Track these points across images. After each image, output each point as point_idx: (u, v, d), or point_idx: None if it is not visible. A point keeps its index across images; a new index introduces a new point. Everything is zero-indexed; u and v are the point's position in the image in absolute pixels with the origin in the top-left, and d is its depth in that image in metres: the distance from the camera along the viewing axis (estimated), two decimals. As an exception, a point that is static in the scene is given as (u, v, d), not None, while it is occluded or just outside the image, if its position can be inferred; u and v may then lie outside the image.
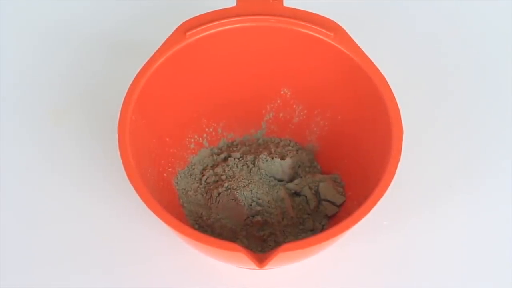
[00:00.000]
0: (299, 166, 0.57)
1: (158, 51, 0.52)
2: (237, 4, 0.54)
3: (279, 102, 0.59)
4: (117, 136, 0.48)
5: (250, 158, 0.57)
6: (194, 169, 0.57)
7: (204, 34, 0.53)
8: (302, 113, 0.58)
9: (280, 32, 0.54)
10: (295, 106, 0.58)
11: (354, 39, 0.53)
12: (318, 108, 0.57)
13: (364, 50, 0.52)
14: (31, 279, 0.54)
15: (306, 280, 0.54)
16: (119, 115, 0.49)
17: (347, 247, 0.55)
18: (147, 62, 0.51)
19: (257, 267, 0.45)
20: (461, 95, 0.64)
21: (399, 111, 0.50)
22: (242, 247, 0.44)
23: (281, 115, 0.59)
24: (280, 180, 0.56)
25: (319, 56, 0.54)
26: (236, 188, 0.53)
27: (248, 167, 0.56)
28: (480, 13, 0.70)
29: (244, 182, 0.54)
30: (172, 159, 0.56)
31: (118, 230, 0.56)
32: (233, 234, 0.53)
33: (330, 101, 0.56)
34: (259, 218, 0.53)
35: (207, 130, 0.59)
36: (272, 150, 0.57)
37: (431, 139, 0.61)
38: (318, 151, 0.58)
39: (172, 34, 0.53)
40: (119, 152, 0.47)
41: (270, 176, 0.56)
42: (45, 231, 0.56)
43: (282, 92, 0.58)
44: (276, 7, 0.54)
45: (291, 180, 0.56)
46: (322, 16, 0.53)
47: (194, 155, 0.58)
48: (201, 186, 0.55)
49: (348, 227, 0.45)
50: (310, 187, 0.55)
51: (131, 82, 0.51)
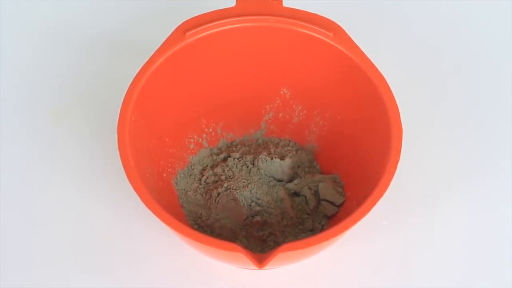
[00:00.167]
0: (299, 166, 0.57)
1: (157, 51, 0.52)
2: (236, 4, 0.54)
3: (278, 102, 0.59)
4: (116, 136, 0.48)
5: (249, 158, 0.56)
6: (193, 169, 0.57)
7: (203, 34, 0.53)
8: (302, 113, 0.58)
9: (279, 32, 0.54)
10: (294, 106, 0.58)
11: (354, 39, 0.53)
12: (317, 108, 0.57)
13: (363, 50, 0.52)
14: (31, 279, 0.54)
15: (306, 280, 0.54)
16: (118, 115, 0.49)
17: (347, 247, 0.55)
18: (146, 62, 0.51)
19: (256, 267, 0.45)
20: (460, 95, 0.64)
21: (399, 111, 0.50)
22: (242, 247, 0.44)
23: (280, 115, 0.59)
24: (279, 180, 0.56)
25: (318, 56, 0.54)
26: (235, 188, 0.53)
27: (247, 167, 0.56)
28: (479, 13, 0.70)
29: (244, 182, 0.54)
30: (172, 159, 0.56)
31: (117, 230, 0.56)
32: (232, 234, 0.53)
33: (329, 101, 0.56)
34: (258, 218, 0.53)
35: (206, 130, 0.59)
36: (272, 150, 0.57)
37: (430, 139, 0.61)
38: (318, 151, 0.58)
39: (172, 34, 0.53)
40: (118, 152, 0.47)
41: (270, 176, 0.56)
42: (45, 231, 0.56)
43: (282, 92, 0.58)
44: (276, 7, 0.54)
45: (290, 180, 0.56)
46: (321, 16, 0.53)
47: (194, 155, 0.58)
48: (200, 186, 0.55)
49: (347, 227, 0.45)
50: (309, 187, 0.55)
51: (131, 82, 0.51)
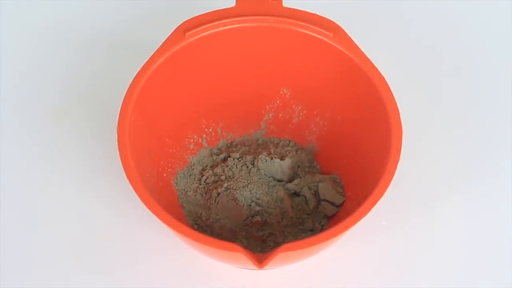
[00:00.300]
0: (299, 166, 0.57)
1: (157, 51, 0.52)
2: (236, 4, 0.54)
3: (278, 102, 0.59)
4: (116, 136, 0.48)
5: (249, 158, 0.56)
6: (193, 169, 0.57)
7: (203, 34, 0.53)
8: (302, 113, 0.58)
9: (279, 32, 0.54)
10: (294, 106, 0.58)
11: (353, 39, 0.53)
12: (317, 108, 0.57)
13: (363, 50, 0.52)
14: (31, 279, 0.54)
15: (305, 280, 0.54)
16: (118, 115, 0.49)
17: (347, 247, 0.55)
18: (146, 62, 0.51)
19: (256, 268, 0.45)
20: (460, 95, 0.64)
21: (399, 111, 0.50)
22: (242, 248, 0.44)
23: (280, 115, 0.59)
24: (279, 180, 0.56)
25: (318, 56, 0.54)
26: (235, 189, 0.53)
27: (247, 167, 0.56)
28: (479, 13, 0.70)
29: (244, 182, 0.54)
30: (172, 160, 0.56)
31: (117, 230, 0.56)
32: (232, 234, 0.53)
33: (329, 101, 0.56)
34: (258, 218, 0.53)
35: (206, 130, 0.59)
36: (272, 151, 0.57)
37: (430, 139, 0.61)
38: (318, 151, 0.58)
39: (172, 34, 0.53)
40: (118, 152, 0.47)
41: (270, 177, 0.56)
42: (45, 231, 0.56)
43: (282, 92, 0.58)
44: (276, 8, 0.54)
45: (290, 180, 0.56)
46: (321, 16, 0.53)
47: (194, 155, 0.58)
48: (200, 187, 0.55)
49: (347, 227, 0.45)
50: (309, 187, 0.55)
51: (131, 82, 0.51)
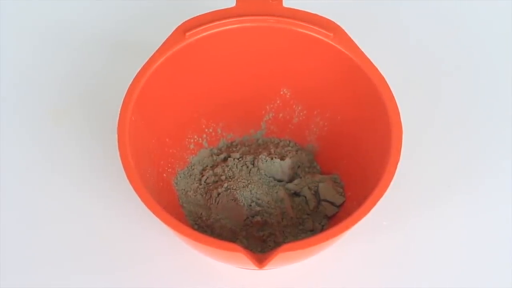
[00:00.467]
0: (299, 167, 0.57)
1: (157, 51, 0.52)
2: (236, 4, 0.54)
3: (278, 102, 0.59)
4: (116, 136, 0.48)
5: (249, 158, 0.56)
6: (193, 169, 0.57)
7: (203, 35, 0.53)
8: (302, 113, 0.58)
9: (279, 33, 0.54)
10: (294, 107, 0.58)
11: (354, 39, 0.53)
12: (317, 109, 0.57)
13: (363, 50, 0.52)
14: (31, 279, 0.54)
15: (306, 280, 0.54)
16: (118, 115, 0.49)
17: (347, 247, 0.55)
18: (146, 62, 0.51)
19: (256, 268, 0.45)
20: (460, 95, 0.64)
21: (399, 111, 0.50)
22: (242, 248, 0.44)
23: (280, 115, 0.59)
24: (279, 181, 0.56)
25: (318, 57, 0.54)
26: (235, 189, 0.53)
27: (247, 167, 0.56)
28: (479, 13, 0.70)
29: (244, 182, 0.54)
30: (172, 160, 0.56)
31: (117, 230, 0.56)
32: (232, 234, 0.52)
33: (329, 101, 0.56)
34: (258, 218, 0.53)
35: (206, 130, 0.59)
36: (272, 151, 0.57)
37: (430, 139, 0.61)
38: (318, 151, 0.58)
39: (172, 34, 0.52)
40: (118, 152, 0.47)
41: (270, 177, 0.56)
42: (45, 231, 0.56)
43: (282, 93, 0.58)
44: (276, 8, 0.54)
45: (290, 180, 0.56)
46: (321, 16, 0.53)
47: (194, 155, 0.58)
48: (200, 187, 0.55)
49: (347, 228, 0.45)
50: (309, 188, 0.55)
51: (131, 82, 0.51)
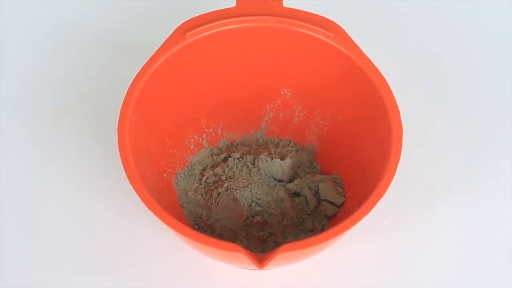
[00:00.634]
0: (299, 167, 0.57)
1: (157, 51, 0.52)
2: (236, 4, 0.54)
3: (279, 102, 0.59)
4: (116, 136, 0.48)
5: (249, 158, 0.56)
6: (194, 169, 0.57)
7: (204, 35, 0.53)
8: (302, 113, 0.58)
9: (279, 33, 0.54)
10: (294, 107, 0.58)
11: (354, 39, 0.53)
12: (317, 109, 0.57)
13: (363, 50, 0.52)
14: (31, 279, 0.54)
15: (306, 280, 0.54)
16: (118, 115, 0.49)
17: (347, 247, 0.55)
18: (146, 62, 0.51)
19: (257, 268, 0.45)
20: (460, 95, 0.64)
21: (399, 111, 0.50)
22: (242, 248, 0.44)
23: (281, 115, 0.59)
24: (280, 181, 0.56)
25: (318, 57, 0.54)
26: (236, 189, 0.53)
27: (248, 167, 0.56)
28: (479, 13, 0.70)
29: (244, 182, 0.54)
30: (172, 160, 0.56)
31: (117, 230, 0.56)
32: (233, 234, 0.52)
33: (329, 101, 0.56)
34: (259, 218, 0.53)
35: (206, 130, 0.59)
36: (272, 151, 0.57)
37: (430, 139, 0.61)
38: (318, 151, 0.58)
39: (172, 34, 0.52)
40: (118, 152, 0.47)
41: (270, 177, 0.56)
42: (45, 231, 0.56)
43: (282, 93, 0.58)
44: (276, 8, 0.54)
45: (290, 180, 0.56)
46: (321, 16, 0.53)
47: (194, 155, 0.58)
48: (200, 187, 0.55)
49: (347, 228, 0.45)
50: (309, 188, 0.55)
51: (131, 82, 0.51)
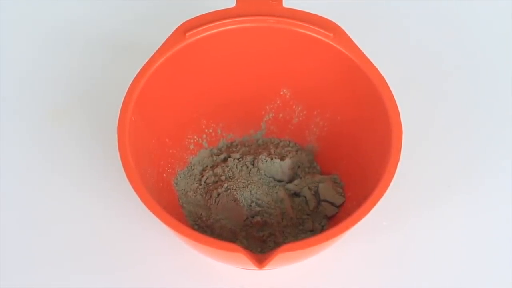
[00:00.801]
0: (299, 167, 0.57)
1: (157, 51, 0.52)
2: (236, 4, 0.54)
3: (278, 102, 0.59)
4: (116, 136, 0.48)
5: (249, 158, 0.56)
6: (193, 169, 0.57)
7: (203, 35, 0.53)
8: (302, 113, 0.58)
9: (279, 33, 0.54)
10: (294, 107, 0.58)
11: (353, 40, 0.53)
12: (317, 109, 0.57)
13: (363, 50, 0.52)
14: (31, 279, 0.54)
15: (305, 280, 0.54)
16: (118, 116, 0.49)
17: (347, 247, 0.55)
18: (146, 62, 0.51)
19: (256, 268, 0.45)
20: (460, 95, 0.64)
21: (399, 111, 0.50)
22: (242, 248, 0.44)
23: (280, 115, 0.59)
24: (279, 181, 0.56)
25: (318, 57, 0.54)
26: (235, 189, 0.53)
27: (247, 167, 0.56)
28: (479, 13, 0.70)
29: (244, 182, 0.54)
30: (172, 160, 0.56)
31: (117, 231, 0.56)
32: (232, 234, 0.53)
33: (329, 101, 0.56)
34: (258, 218, 0.53)
35: (206, 130, 0.59)
36: (272, 151, 0.57)
37: (430, 139, 0.61)
38: (318, 151, 0.58)
39: (172, 34, 0.52)
40: (118, 153, 0.47)
41: (270, 177, 0.56)
42: (45, 231, 0.56)
43: (282, 93, 0.58)
44: (276, 8, 0.54)
45: (290, 180, 0.56)
46: (321, 16, 0.53)
47: (194, 155, 0.58)
48: (200, 187, 0.55)
49: (347, 228, 0.45)
50: (309, 188, 0.55)
51: (131, 82, 0.51)
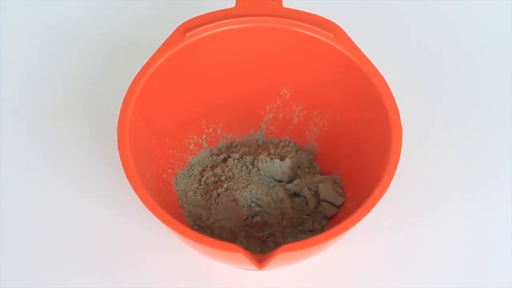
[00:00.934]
0: (299, 167, 0.57)
1: (157, 51, 0.52)
2: (236, 4, 0.54)
3: (278, 103, 0.59)
4: (116, 136, 0.48)
5: (249, 159, 0.56)
6: (193, 170, 0.57)
7: (203, 35, 0.53)
8: (302, 114, 0.58)
9: (279, 33, 0.54)
10: (294, 107, 0.58)
11: (353, 40, 0.53)
12: (317, 109, 0.57)
13: (363, 50, 0.52)
14: (31, 279, 0.54)
15: (305, 280, 0.54)
16: (118, 116, 0.49)
17: (347, 247, 0.55)
18: (146, 62, 0.51)
19: (256, 268, 0.45)
20: (460, 95, 0.64)
21: (398, 111, 0.50)
22: (242, 248, 0.44)
23: (280, 116, 0.59)
24: (279, 181, 0.56)
25: (318, 57, 0.54)
26: (235, 189, 0.53)
27: (247, 168, 0.56)
28: (479, 13, 0.70)
29: (244, 183, 0.54)
30: (172, 160, 0.56)
31: (117, 231, 0.56)
32: (232, 235, 0.53)
33: (329, 101, 0.56)
34: (258, 219, 0.53)
35: (206, 131, 0.59)
36: (272, 151, 0.57)
37: (430, 139, 0.61)
38: (318, 151, 0.58)
39: (172, 34, 0.53)
40: (118, 153, 0.47)
41: (270, 177, 0.56)
42: (45, 231, 0.56)
43: (282, 93, 0.58)
44: (275, 8, 0.54)
45: (290, 181, 0.56)
46: (321, 16, 0.53)
47: (194, 156, 0.58)
48: (200, 187, 0.55)
49: (347, 228, 0.45)
50: (309, 188, 0.55)
51: (131, 82, 0.51)
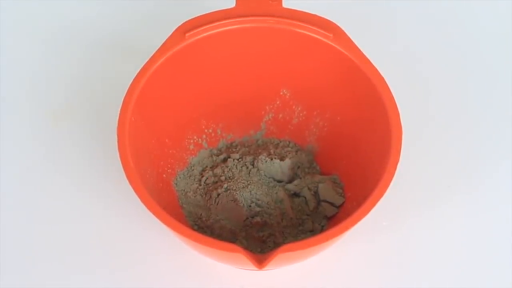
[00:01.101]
0: (299, 167, 0.57)
1: (157, 52, 0.52)
2: (236, 5, 0.54)
3: (278, 103, 0.59)
4: (116, 136, 0.48)
5: (249, 159, 0.56)
6: (193, 170, 0.57)
7: (203, 35, 0.53)
8: (302, 114, 0.58)
9: (279, 33, 0.54)
10: (294, 107, 0.58)
11: (353, 40, 0.53)
12: (317, 109, 0.57)
13: (363, 50, 0.52)
14: (31, 279, 0.54)
15: (305, 280, 0.54)
16: (118, 116, 0.49)
17: (347, 247, 0.55)
18: (146, 63, 0.51)
19: (256, 268, 0.45)
20: (460, 95, 0.64)
21: (398, 111, 0.50)
22: (242, 248, 0.44)
23: (280, 116, 0.59)
24: (279, 181, 0.56)
25: (318, 57, 0.54)
26: (235, 189, 0.53)
27: (247, 168, 0.56)
28: (478, 13, 0.70)
29: (244, 183, 0.54)
30: (172, 160, 0.56)
31: (117, 231, 0.56)
32: (232, 235, 0.53)
33: (329, 102, 0.56)
34: (258, 219, 0.53)
35: (206, 131, 0.59)
36: (272, 151, 0.57)
37: (430, 139, 0.61)
38: (318, 152, 0.58)
39: (172, 35, 0.53)
40: (118, 153, 0.47)
41: (270, 177, 0.56)
42: (45, 231, 0.56)
43: (282, 93, 0.58)
44: (275, 8, 0.54)
45: (290, 181, 0.56)
46: (321, 17, 0.53)
47: (194, 156, 0.58)
48: (200, 187, 0.55)
49: (347, 228, 0.45)
50: (309, 188, 0.55)
51: (131, 82, 0.51)
